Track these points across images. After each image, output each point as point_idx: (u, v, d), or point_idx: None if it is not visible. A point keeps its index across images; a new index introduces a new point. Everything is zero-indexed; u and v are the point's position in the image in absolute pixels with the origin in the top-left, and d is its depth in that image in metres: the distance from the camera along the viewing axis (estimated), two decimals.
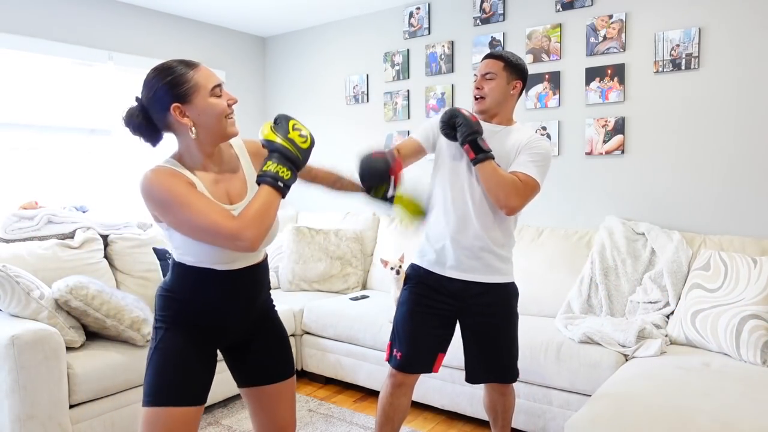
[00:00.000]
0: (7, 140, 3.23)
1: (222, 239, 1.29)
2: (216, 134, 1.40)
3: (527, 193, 1.87)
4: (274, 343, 1.62)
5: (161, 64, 1.38)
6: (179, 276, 1.45)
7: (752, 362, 2.17)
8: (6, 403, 2.14)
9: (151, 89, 1.36)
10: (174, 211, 1.31)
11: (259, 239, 1.30)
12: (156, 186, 1.32)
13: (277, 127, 1.40)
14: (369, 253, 3.84)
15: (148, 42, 3.84)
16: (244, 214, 1.30)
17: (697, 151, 2.87)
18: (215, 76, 1.40)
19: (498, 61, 1.95)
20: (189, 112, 1.36)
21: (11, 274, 2.34)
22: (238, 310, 1.51)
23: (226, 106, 1.39)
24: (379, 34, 3.99)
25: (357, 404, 3.04)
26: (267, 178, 1.34)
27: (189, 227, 1.31)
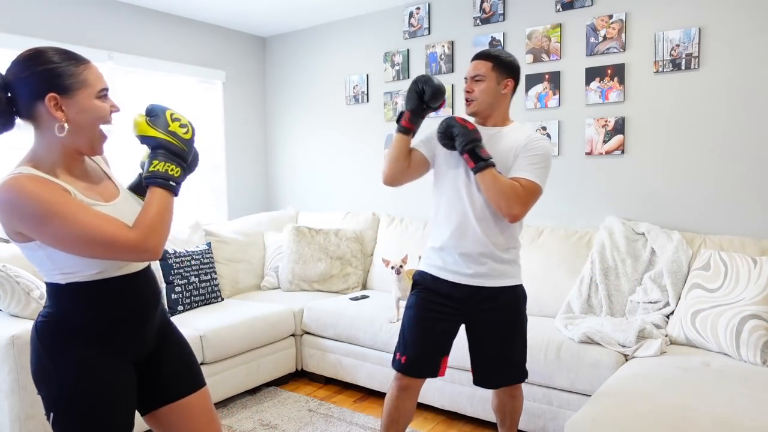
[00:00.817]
0: (7, 140, 3.22)
1: (123, 252, 1.17)
2: (85, 140, 1.25)
3: (529, 199, 1.86)
4: (177, 353, 1.45)
5: (45, 48, 1.22)
6: (68, 300, 1.24)
7: (752, 362, 2.17)
8: (6, 403, 2.14)
9: (26, 69, 1.19)
10: (53, 226, 1.12)
11: (162, 245, 1.22)
12: (26, 197, 1.12)
13: (154, 120, 1.27)
14: (369, 253, 3.84)
15: (148, 42, 3.84)
16: (142, 222, 1.20)
17: (697, 151, 2.87)
18: (104, 80, 1.28)
19: (486, 61, 1.93)
20: (66, 107, 1.20)
21: (11, 274, 2.34)
22: (144, 319, 1.36)
23: (107, 112, 1.27)
24: (379, 34, 3.99)
25: (357, 404, 3.04)
26: (158, 179, 1.24)
27: (78, 243, 1.14)
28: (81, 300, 1.25)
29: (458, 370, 2.70)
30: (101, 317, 1.27)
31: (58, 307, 1.25)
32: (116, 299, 1.29)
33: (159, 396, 1.41)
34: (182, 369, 1.44)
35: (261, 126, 4.69)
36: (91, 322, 1.26)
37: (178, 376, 1.43)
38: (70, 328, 1.25)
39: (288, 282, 3.71)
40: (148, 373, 1.40)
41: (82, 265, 1.22)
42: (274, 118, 4.67)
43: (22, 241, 1.20)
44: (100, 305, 1.27)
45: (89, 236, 1.14)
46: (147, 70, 3.83)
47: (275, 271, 3.84)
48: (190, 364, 1.47)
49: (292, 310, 3.31)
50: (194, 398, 1.44)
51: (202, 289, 3.26)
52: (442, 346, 2.01)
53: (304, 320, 3.31)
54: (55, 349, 1.24)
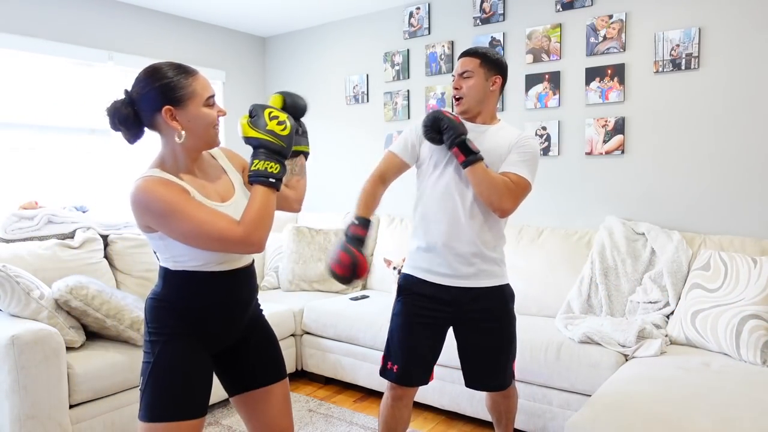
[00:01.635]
0: (7, 140, 3.23)
1: (231, 246, 1.32)
2: (202, 142, 1.41)
3: (519, 194, 1.85)
4: (265, 344, 1.60)
5: (160, 64, 1.38)
6: (174, 284, 1.43)
7: (752, 362, 2.17)
8: (6, 403, 2.14)
9: (145, 86, 1.35)
10: (175, 222, 1.30)
11: (265, 239, 1.35)
12: (152, 197, 1.30)
13: (254, 120, 1.38)
14: (369, 253, 3.84)
15: (148, 42, 3.84)
16: (246, 218, 1.33)
17: (697, 151, 2.87)
18: (211, 87, 1.42)
19: (474, 58, 1.91)
20: (179, 117, 1.36)
21: (11, 274, 2.34)
22: (235, 312, 1.50)
23: (215, 117, 1.41)
24: (379, 34, 3.99)
25: (357, 404, 3.04)
26: (259, 177, 1.36)
27: (193, 237, 1.31)
28: (183, 285, 1.42)
29: (458, 370, 2.69)
30: (195, 304, 1.43)
31: (165, 288, 1.44)
32: (212, 290, 1.44)
33: (245, 381, 1.56)
34: (267, 360, 1.59)
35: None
36: (186, 306, 1.43)
37: (263, 365, 1.57)
38: (169, 308, 1.43)
39: (288, 282, 3.70)
40: (234, 359, 1.55)
41: (190, 256, 1.38)
42: None
43: (148, 232, 1.38)
44: (197, 293, 1.43)
45: (204, 231, 1.30)
46: None
47: (275, 271, 3.84)
48: (276, 356, 1.61)
49: (292, 310, 3.31)
50: (275, 388, 1.58)
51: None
52: (432, 353, 1.98)
53: (304, 320, 3.31)
54: (153, 323, 1.43)
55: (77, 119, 3.51)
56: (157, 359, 1.40)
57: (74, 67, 3.50)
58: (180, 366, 1.40)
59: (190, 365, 1.42)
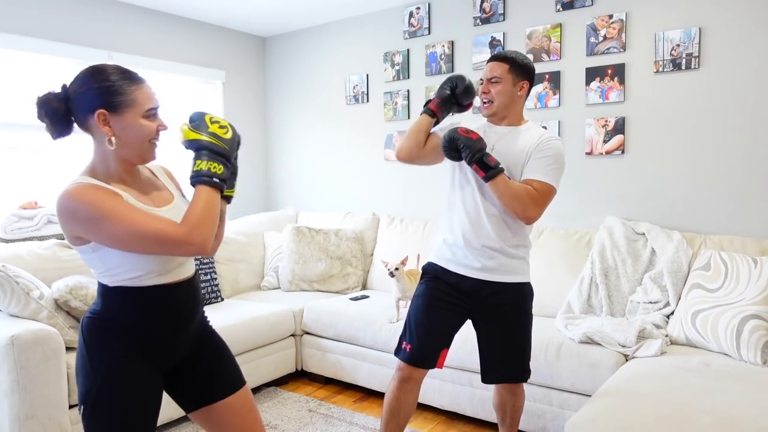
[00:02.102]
0: (7, 140, 3.23)
1: (171, 246, 1.25)
2: (134, 153, 1.35)
3: (543, 201, 1.89)
4: (218, 356, 1.53)
5: (104, 65, 1.33)
6: (113, 301, 1.35)
7: (752, 362, 2.17)
8: (6, 403, 2.14)
9: (83, 85, 1.30)
10: (106, 225, 1.23)
11: (209, 240, 1.29)
12: (79, 202, 1.23)
13: (195, 125, 1.36)
14: (369, 253, 3.84)
15: (148, 42, 3.84)
16: (189, 218, 1.28)
17: (698, 151, 2.87)
18: (154, 99, 1.36)
19: (503, 63, 1.94)
20: (113, 123, 1.30)
21: (11, 274, 2.34)
22: (180, 327, 1.43)
23: (153, 130, 1.35)
24: (379, 34, 3.98)
25: (357, 404, 3.03)
26: (202, 177, 1.32)
27: (127, 239, 1.24)
28: (123, 302, 1.34)
29: (458, 370, 2.70)
30: (138, 321, 1.36)
31: (103, 306, 1.36)
32: (154, 306, 1.37)
33: (199, 397, 1.49)
34: (222, 371, 1.52)
35: (261, 126, 4.69)
36: (128, 325, 1.35)
37: (219, 377, 1.51)
38: (110, 328, 1.35)
39: (288, 282, 3.70)
40: (187, 375, 1.48)
41: (126, 266, 1.31)
42: (274, 118, 4.67)
43: (79, 245, 1.31)
44: (139, 309, 1.35)
45: (140, 233, 1.23)
46: (147, 70, 3.83)
47: (275, 271, 3.84)
48: (229, 366, 1.54)
49: (292, 310, 3.31)
50: (234, 398, 1.51)
51: (202, 289, 3.26)
52: (446, 337, 2.01)
53: (304, 320, 3.31)
54: (93, 345, 1.34)
55: None
56: (103, 385, 1.31)
57: (74, 67, 3.50)
58: (129, 392, 1.32)
59: (139, 390, 1.34)
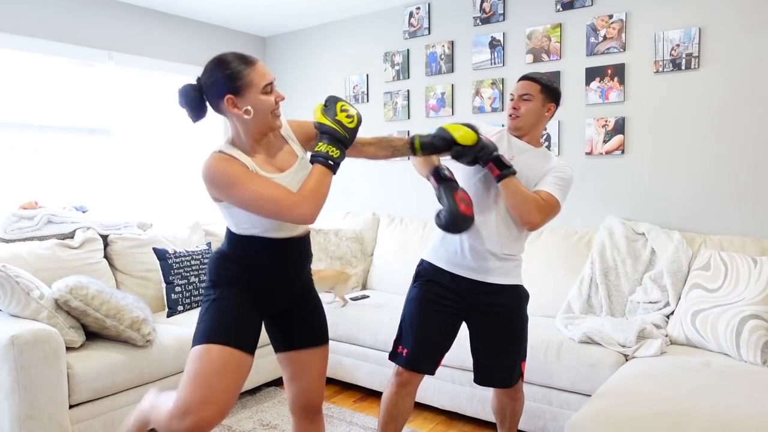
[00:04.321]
0: (7, 140, 3.23)
1: (285, 211, 1.47)
2: (262, 125, 1.57)
3: (548, 212, 1.92)
4: (313, 312, 1.76)
5: (223, 56, 1.56)
6: (237, 244, 1.62)
7: (752, 362, 2.17)
8: (6, 403, 2.14)
9: (210, 77, 1.53)
10: (236, 192, 1.48)
11: (316, 211, 1.50)
12: (215, 172, 1.49)
13: (326, 109, 1.57)
14: (369, 253, 3.84)
15: (148, 42, 3.84)
16: (303, 190, 1.50)
17: (697, 151, 2.87)
18: (269, 75, 1.57)
19: (535, 83, 2.00)
20: (240, 104, 1.52)
21: (11, 274, 2.34)
22: (287, 275, 1.67)
23: (273, 103, 1.56)
24: (379, 34, 3.99)
25: (357, 404, 3.04)
26: (319, 158, 1.53)
27: (252, 204, 1.48)
28: (244, 246, 1.62)
29: (458, 370, 2.70)
30: (253, 262, 1.62)
31: (229, 247, 1.64)
32: (269, 253, 1.62)
33: (288, 341, 1.73)
34: (312, 325, 1.75)
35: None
36: (246, 263, 1.62)
37: (308, 330, 1.74)
38: (230, 261, 1.63)
39: None
40: (285, 321, 1.73)
41: (251, 223, 1.58)
42: None
43: (216, 202, 1.58)
44: (256, 254, 1.62)
45: (261, 198, 1.47)
46: (147, 70, 3.83)
47: None
48: (320, 323, 1.77)
49: None
50: (316, 351, 1.74)
51: (202, 289, 3.26)
52: (444, 341, 2.01)
53: None
54: (215, 272, 1.63)
55: (77, 119, 3.50)
56: (217, 297, 1.59)
57: (74, 67, 3.50)
58: (231, 304, 1.59)
59: (241, 305, 1.60)
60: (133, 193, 3.82)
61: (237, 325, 1.57)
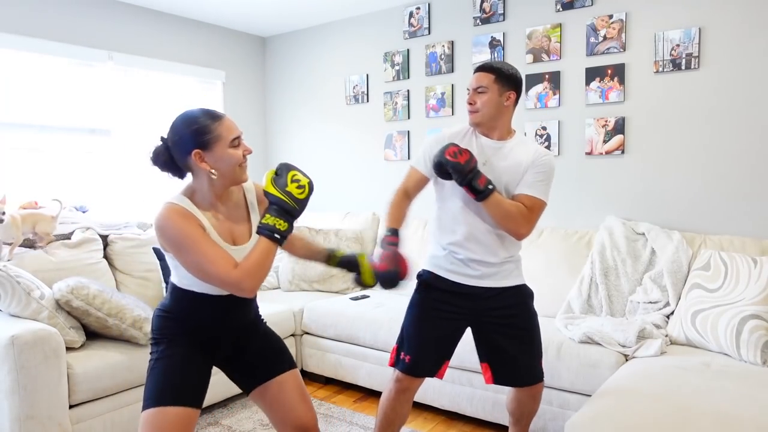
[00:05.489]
0: (8, 140, 3.23)
1: (225, 286, 1.44)
2: (229, 179, 1.55)
3: (534, 217, 1.90)
4: (267, 341, 1.74)
5: (189, 112, 1.53)
6: (178, 299, 1.60)
7: (752, 362, 2.17)
8: (6, 403, 2.14)
9: (176, 134, 1.51)
10: (184, 253, 1.45)
11: (256, 287, 1.47)
12: (170, 226, 1.45)
13: (276, 178, 1.52)
14: (369, 253, 3.84)
15: (148, 42, 3.84)
16: (245, 265, 1.45)
17: (697, 151, 2.87)
18: (236, 129, 1.55)
19: (488, 73, 1.93)
20: (207, 159, 1.50)
21: (12, 274, 2.34)
22: (229, 327, 1.66)
23: (241, 156, 1.54)
24: (379, 34, 3.99)
25: (357, 404, 3.04)
26: (265, 231, 1.49)
27: (195, 269, 1.45)
28: (187, 302, 1.60)
29: (458, 370, 2.70)
30: (197, 321, 1.61)
31: (171, 302, 1.62)
32: (212, 311, 1.61)
33: (255, 377, 1.70)
34: (272, 353, 1.73)
35: (261, 126, 4.69)
36: (189, 321, 1.60)
37: (270, 359, 1.72)
38: (172, 318, 1.61)
39: (288, 282, 3.71)
40: (237, 363, 1.71)
41: (194, 279, 1.55)
42: (274, 118, 4.67)
43: (165, 251, 1.53)
44: (197, 311, 1.60)
45: (204, 267, 1.44)
46: (147, 70, 3.83)
47: (275, 271, 3.84)
48: (280, 349, 1.75)
49: (292, 310, 3.31)
50: (285, 377, 1.70)
51: None
52: (446, 348, 2.00)
53: (304, 320, 3.31)
54: (157, 330, 1.61)
55: (77, 119, 3.50)
56: (159, 356, 1.57)
57: (74, 67, 3.50)
58: (177, 359, 1.56)
59: (187, 359, 1.58)
60: (133, 193, 3.81)
61: (184, 380, 1.55)
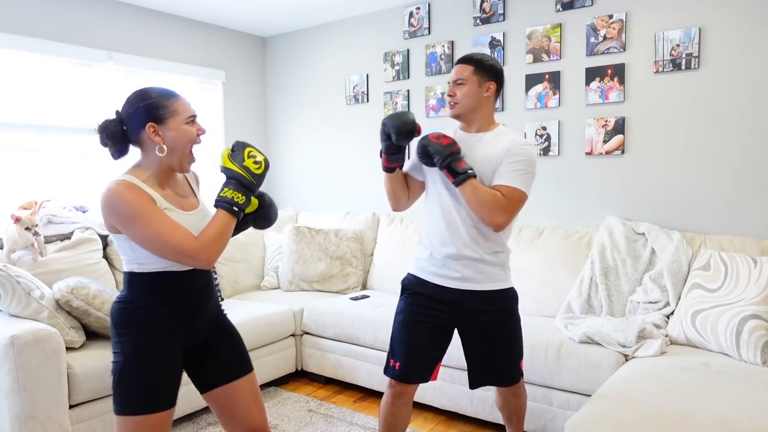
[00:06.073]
0: (7, 140, 3.22)
1: (184, 257, 1.44)
2: (177, 160, 1.55)
3: (512, 207, 1.86)
4: (228, 342, 1.70)
5: (146, 88, 1.54)
6: (137, 286, 1.53)
7: (752, 362, 2.17)
8: (6, 403, 2.14)
9: (132, 106, 1.51)
10: (138, 227, 1.42)
11: (215, 258, 1.48)
12: (122, 201, 1.42)
13: (234, 154, 1.54)
14: (369, 253, 3.84)
15: (148, 42, 3.84)
16: (203, 236, 1.46)
17: (697, 151, 2.87)
18: (192, 109, 1.57)
19: (467, 65, 1.94)
20: (162, 132, 1.51)
21: (12, 274, 2.34)
22: (195, 308, 1.61)
23: (194, 134, 1.56)
24: (379, 34, 3.98)
25: (357, 404, 3.04)
26: (224, 203, 1.51)
27: (151, 243, 1.43)
28: (148, 287, 1.53)
29: (458, 370, 2.70)
30: (159, 301, 1.54)
31: (130, 291, 1.54)
32: (174, 289, 1.55)
33: (211, 379, 1.66)
34: (231, 356, 1.69)
35: (261, 126, 4.69)
36: (151, 304, 1.53)
37: (228, 362, 1.67)
38: (136, 308, 1.52)
39: (288, 282, 3.70)
40: (201, 358, 1.66)
41: (153, 258, 1.50)
42: (274, 118, 4.67)
43: (115, 233, 1.49)
44: (162, 293, 1.54)
45: (161, 240, 1.42)
46: (147, 70, 3.83)
47: (275, 271, 3.84)
48: (239, 352, 1.71)
49: (292, 310, 3.31)
50: (242, 382, 1.67)
51: None
52: (434, 352, 2.00)
53: (304, 320, 3.31)
54: (122, 325, 1.52)
55: (77, 119, 3.50)
56: (127, 357, 1.49)
57: (74, 67, 3.50)
58: (149, 361, 1.50)
59: (158, 359, 1.51)
60: None
61: (155, 385, 1.49)
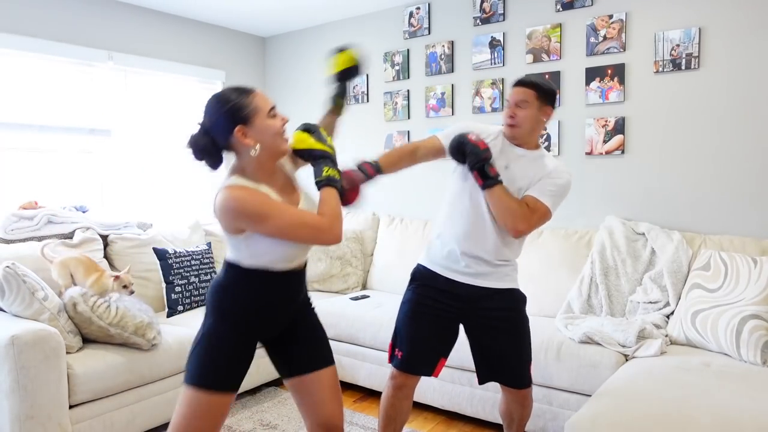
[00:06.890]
0: (7, 140, 3.22)
1: (321, 233, 1.50)
2: (272, 152, 1.55)
3: (534, 219, 1.90)
4: (312, 334, 1.74)
5: (221, 93, 1.53)
6: (238, 277, 1.58)
7: (752, 362, 2.17)
8: (6, 403, 2.14)
9: (215, 113, 1.50)
10: (273, 221, 1.46)
11: (341, 231, 1.54)
12: (246, 202, 1.45)
13: (315, 135, 1.60)
14: (369, 253, 3.84)
15: (148, 42, 3.84)
16: (329, 213, 1.53)
17: (698, 151, 2.87)
18: (270, 100, 1.56)
19: (529, 89, 1.96)
20: (250, 133, 1.51)
21: (19, 273, 2.33)
22: (286, 305, 1.66)
23: (280, 125, 1.56)
24: (379, 34, 3.98)
25: (357, 404, 3.04)
26: (330, 182, 1.57)
27: (286, 231, 1.47)
28: (241, 279, 1.58)
29: (458, 370, 2.70)
30: (256, 295, 1.59)
31: (229, 280, 1.59)
32: (269, 288, 1.60)
33: (294, 367, 1.70)
34: (313, 348, 1.72)
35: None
36: (244, 297, 1.59)
37: (309, 354, 1.71)
38: (228, 293, 1.59)
39: None
40: (281, 348, 1.71)
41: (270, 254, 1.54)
42: None
43: (235, 234, 1.52)
44: (257, 289, 1.59)
45: (300, 223, 1.48)
46: (147, 70, 3.83)
47: None
48: (321, 345, 1.74)
49: None
50: (322, 373, 1.70)
51: (202, 289, 3.26)
52: (439, 344, 2.01)
53: None
54: (213, 303, 1.60)
55: (77, 119, 3.50)
56: (208, 333, 1.57)
57: (74, 67, 3.50)
58: (233, 344, 1.57)
59: (242, 344, 1.59)
60: (133, 193, 3.82)
61: (230, 366, 1.58)
